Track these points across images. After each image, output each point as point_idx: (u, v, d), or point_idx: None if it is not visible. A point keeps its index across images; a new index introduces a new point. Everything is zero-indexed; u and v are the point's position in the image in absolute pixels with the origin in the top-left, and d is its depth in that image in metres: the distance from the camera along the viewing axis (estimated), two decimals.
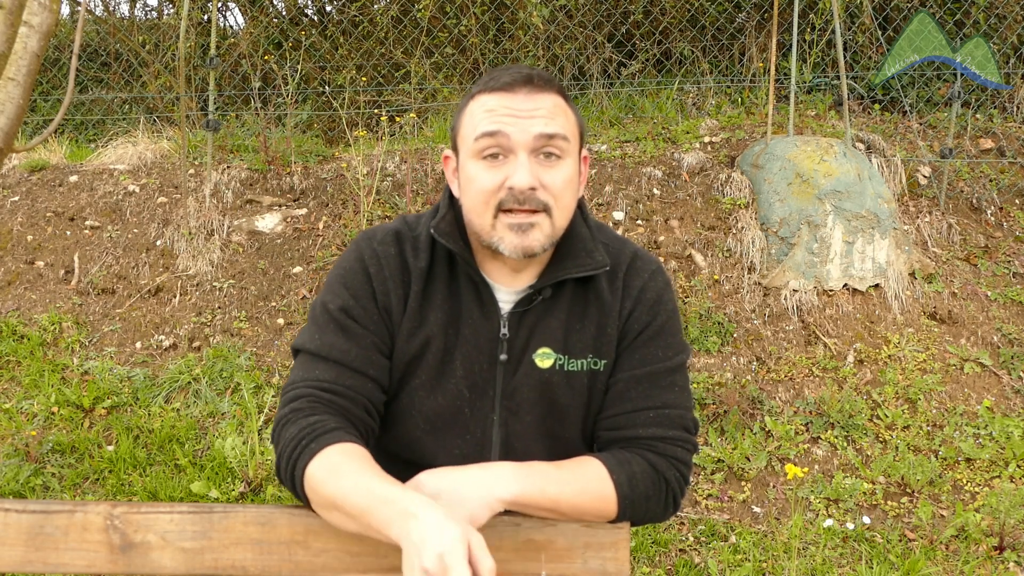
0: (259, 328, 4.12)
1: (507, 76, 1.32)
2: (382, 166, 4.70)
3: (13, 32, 2.11)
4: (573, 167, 1.35)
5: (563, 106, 1.34)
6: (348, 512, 1.17)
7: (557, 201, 1.31)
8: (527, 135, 1.29)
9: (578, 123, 1.38)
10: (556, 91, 1.34)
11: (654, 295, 1.42)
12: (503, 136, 1.29)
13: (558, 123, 1.31)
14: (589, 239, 1.41)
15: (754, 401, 3.77)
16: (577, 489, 1.28)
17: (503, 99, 1.31)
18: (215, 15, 5.01)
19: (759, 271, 4.25)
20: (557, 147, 1.31)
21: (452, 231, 1.39)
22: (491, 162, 1.31)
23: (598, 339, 1.39)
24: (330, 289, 1.40)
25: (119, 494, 3.37)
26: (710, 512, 3.38)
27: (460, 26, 5.66)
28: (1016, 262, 4.51)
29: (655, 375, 1.39)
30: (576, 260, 1.38)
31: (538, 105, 1.31)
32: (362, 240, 1.42)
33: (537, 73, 1.33)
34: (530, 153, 1.30)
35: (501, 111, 1.30)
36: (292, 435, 1.26)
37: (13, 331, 4.05)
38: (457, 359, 1.37)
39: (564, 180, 1.32)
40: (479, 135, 1.30)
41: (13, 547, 1.30)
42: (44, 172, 4.87)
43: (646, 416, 1.37)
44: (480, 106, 1.33)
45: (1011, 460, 3.58)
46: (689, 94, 5.52)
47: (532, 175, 1.29)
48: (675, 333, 1.43)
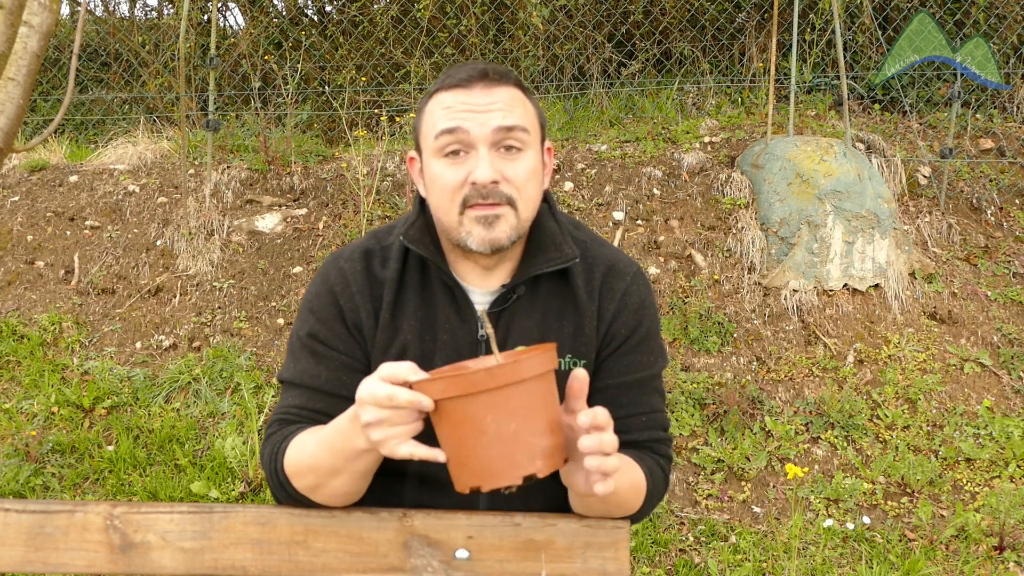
0: (259, 328, 4.12)
1: (463, 72, 1.33)
2: (382, 166, 4.70)
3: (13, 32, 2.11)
4: (535, 159, 1.34)
5: (521, 98, 1.34)
6: (321, 463, 1.23)
7: (521, 193, 1.31)
8: (486, 128, 1.29)
9: (538, 115, 1.38)
10: (513, 84, 1.34)
11: (638, 300, 1.42)
12: (462, 132, 1.29)
13: (516, 115, 1.31)
14: (557, 232, 1.41)
15: (754, 401, 3.77)
16: (628, 481, 1.29)
17: (460, 95, 1.31)
18: (215, 15, 5.01)
19: (759, 271, 4.25)
20: (517, 139, 1.31)
21: (422, 236, 1.39)
22: (452, 159, 1.31)
23: (576, 339, 1.39)
24: (300, 317, 1.43)
25: (119, 494, 3.37)
26: (710, 512, 3.38)
27: (460, 26, 5.66)
28: (1016, 262, 4.51)
29: (642, 381, 1.41)
30: (546, 255, 1.38)
31: (495, 99, 1.31)
32: (328, 262, 1.44)
33: (492, 67, 1.34)
34: (490, 147, 1.30)
35: (458, 107, 1.30)
36: (268, 453, 1.33)
37: (13, 331, 4.06)
38: (437, 364, 1.37)
39: (527, 172, 1.32)
40: (438, 132, 1.31)
41: (13, 547, 1.30)
42: (44, 172, 4.87)
43: (639, 421, 1.40)
44: (438, 104, 1.33)
45: (1011, 460, 3.58)
46: (689, 94, 5.52)
47: (494, 168, 1.29)
48: (657, 337, 1.45)
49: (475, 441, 1.06)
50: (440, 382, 1.06)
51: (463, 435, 1.06)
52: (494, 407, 1.04)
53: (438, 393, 1.06)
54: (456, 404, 1.06)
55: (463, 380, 1.04)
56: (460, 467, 1.08)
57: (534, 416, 1.07)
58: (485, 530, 1.29)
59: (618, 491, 1.25)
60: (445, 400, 1.06)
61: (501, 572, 1.28)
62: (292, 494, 1.30)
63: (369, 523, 1.29)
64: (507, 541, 1.28)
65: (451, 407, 1.06)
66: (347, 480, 1.24)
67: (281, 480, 1.30)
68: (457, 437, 1.07)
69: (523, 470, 1.06)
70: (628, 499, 1.30)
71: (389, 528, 1.28)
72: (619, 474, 1.24)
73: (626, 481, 1.27)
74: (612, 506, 1.28)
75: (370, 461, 1.21)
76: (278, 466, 1.30)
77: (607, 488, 1.10)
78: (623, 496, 1.28)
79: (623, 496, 1.28)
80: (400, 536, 1.28)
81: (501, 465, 1.06)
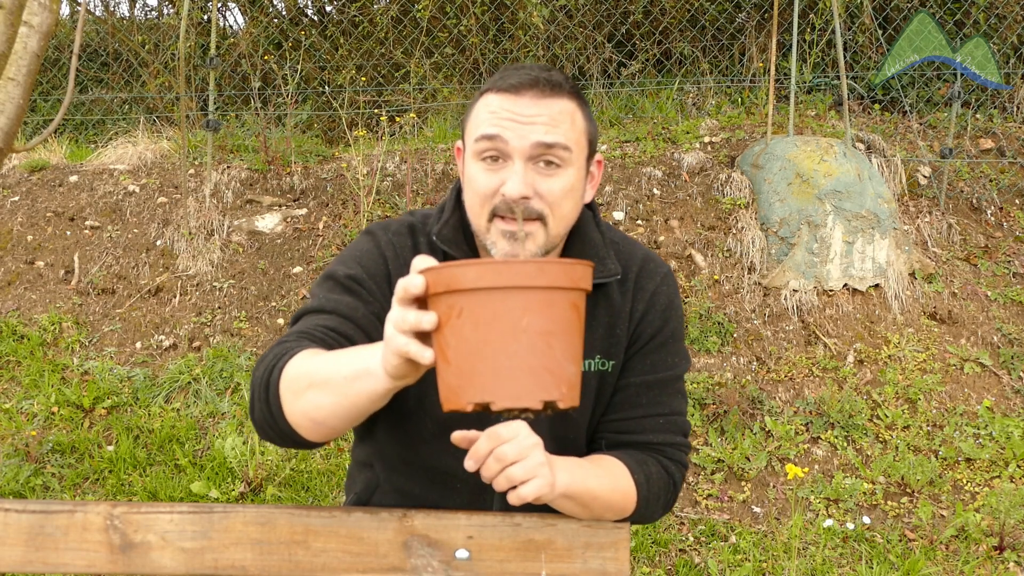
0: (259, 328, 4.12)
1: (515, 77, 1.28)
2: (382, 166, 4.70)
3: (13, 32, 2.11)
4: (575, 176, 1.30)
5: (571, 112, 1.29)
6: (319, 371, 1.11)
7: (553, 210, 1.27)
8: (525, 142, 1.25)
9: (588, 130, 1.33)
10: (567, 94, 1.29)
11: (666, 300, 1.41)
12: (501, 141, 1.26)
13: (560, 131, 1.27)
14: (601, 246, 1.38)
15: (754, 401, 3.77)
16: (610, 486, 1.28)
17: (507, 101, 1.27)
18: (215, 15, 5.01)
19: (759, 271, 4.25)
20: (557, 156, 1.27)
21: (456, 236, 1.36)
22: (490, 164, 1.28)
23: (607, 340, 1.38)
24: (341, 261, 1.35)
25: (119, 494, 3.37)
26: (710, 512, 3.38)
27: (460, 26, 5.66)
28: (1016, 262, 4.51)
29: (664, 382, 1.40)
30: None
31: (542, 111, 1.26)
32: (377, 229, 1.40)
33: (547, 76, 1.28)
34: (527, 160, 1.26)
35: (503, 114, 1.27)
36: (272, 354, 1.22)
37: (13, 331, 4.06)
38: None
39: (562, 189, 1.28)
40: (479, 136, 1.28)
41: (13, 547, 1.30)
42: (44, 172, 4.87)
43: (656, 422, 1.39)
44: (485, 106, 1.30)
45: (1011, 460, 3.58)
46: (689, 94, 5.52)
47: (526, 184, 1.25)
48: (682, 340, 1.44)
49: (500, 346, 0.88)
50: (477, 268, 0.88)
51: (486, 337, 0.89)
52: (535, 309, 0.88)
53: (471, 281, 0.88)
54: (488, 298, 0.88)
55: (506, 268, 0.87)
56: (468, 377, 0.91)
57: (572, 334, 0.92)
58: (485, 530, 1.29)
59: (598, 496, 1.25)
60: (474, 291, 0.88)
61: (501, 572, 1.28)
62: (272, 401, 1.18)
63: (369, 523, 1.29)
64: (507, 541, 1.28)
65: (480, 301, 0.88)
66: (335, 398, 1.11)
67: (271, 378, 1.18)
68: (477, 339, 0.89)
69: (547, 394, 0.91)
70: (613, 502, 1.29)
71: (389, 528, 1.28)
72: (599, 478, 1.25)
73: (606, 485, 1.27)
74: (597, 508, 1.28)
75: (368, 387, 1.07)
76: (279, 363, 1.18)
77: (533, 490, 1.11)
78: (605, 499, 1.27)
79: (605, 499, 1.27)
80: (400, 536, 1.28)
81: (525, 381, 0.89)
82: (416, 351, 0.95)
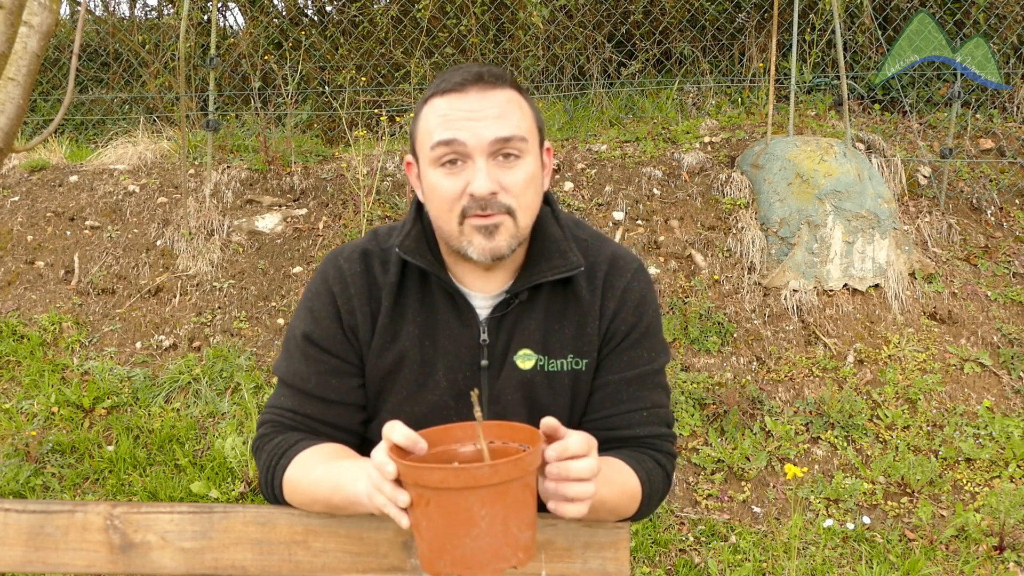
0: (259, 328, 4.12)
1: (457, 76, 1.30)
2: (382, 166, 4.70)
3: (13, 32, 2.11)
4: (534, 164, 1.32)
5: (517, 101, 1.32)
6: (319, 496, 1.25)
7: (519, 201, 1.30)
8: (483, 139, 1.27)
9: (535, 117, 1.36)
10: (509, 85, 1.32)
11: (638, 296, 1.41)
12: (459, 144, 1.27)
13: (513, 122, 1.29)
14: (562, 238, 1.39)
15: (754, 401, 3.77)
16: (618, 489, 1.28)
17: (455, 101, 1.29)
18: (215, 15, 5.01)
19: (759, 271, 4.25)
20: (515, 148, 1.29)
21: (419, 246, 1.38)
22: (450, 168, 1.29)
23: (578, 339, 1.39)
24: (298, 314, 1.43)
25: (119, 494, 3.37)
26: (710, 512, 3.38)
27: (460, 26, 5.66)
28: (1016, 262, 4.51)
29: (644, 376, 1.40)
30: (551, 262, 1.37)
31: (491, 104, 1.28)
32: (328, 260, 1.43)
33: (487, 70, 1.31)
34: (488, 157, 1.28)
35: (453, 115, 1.28)
36: (264, 460, 1.36)
37: (13, 331, 4.05)
38: (440, 370, 1.37)
39: (525, 180, 1.30)
40: (435, 143, 1.29)
41: (13, 547, 1.30)
42: (44, 172, 4.87)
43: (640, 416, 1.39)
44: (433, 111, 1.31)
45: (1011, 460, 3.58)
46: (689, 94, 5.52)
47: (491, 179, 1.27)
48: (659, 333, 1.44)
49: (463, 531, 1.03)
50: (440, 473, 1.02)
51: (451, 524, 1.03)
52: (491, 501, 1.02)
53: (436, 482, 1.02)
54: (451, 495, 1.02)
55: (465, 474, 1.01)
56: (439, 552, 1.05)
57: (524, 510, 1.06)
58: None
59: (606, 502, 1.24)
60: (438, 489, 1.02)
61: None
62: (281, 502, 1.34)
63: (369, 523, 1.28)
64: None
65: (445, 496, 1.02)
66: (332, 511, 1.28)
67: (276, 493, 1.34)
68: (444, 524, 1.03)
69: (506, 562, 1.04)
70: (620, 506, 1.29)
71: (389, 528, 1.28)
72: (609, 485, 1.24)
73: (615, 490, 1.27)
74: (604, 513, 1.27)
75: (360, 510, 1.21)
76: (276, 479, 1.34)
77: (577, 511, 1.10)
78: (612, 505, 1.27)
79: (612, 505, 1.27)
80: (400, 536, 1.28)
81: (485, 557, 1.04)
82: (394, 515, 1.08)
